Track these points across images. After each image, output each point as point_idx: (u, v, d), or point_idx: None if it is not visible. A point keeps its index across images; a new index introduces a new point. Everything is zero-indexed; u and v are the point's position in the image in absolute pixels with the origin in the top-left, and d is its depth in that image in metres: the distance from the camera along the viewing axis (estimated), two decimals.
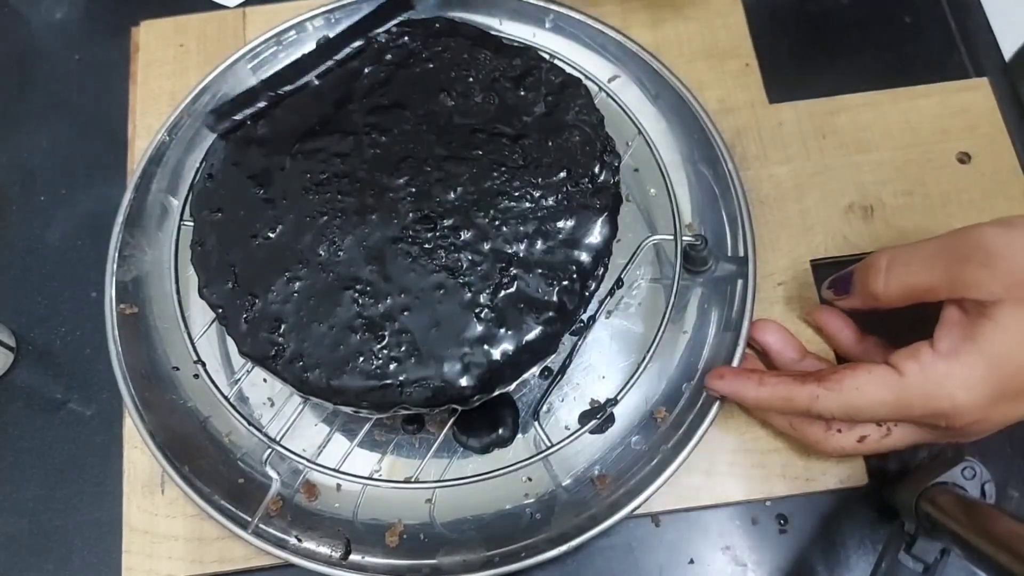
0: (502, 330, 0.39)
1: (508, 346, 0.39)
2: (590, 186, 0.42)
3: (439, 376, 0.38)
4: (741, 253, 0.46)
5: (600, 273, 0.41)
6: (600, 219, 0.41)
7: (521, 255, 0.40)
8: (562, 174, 0.42)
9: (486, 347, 0.39)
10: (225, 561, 0.45)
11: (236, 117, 0.46)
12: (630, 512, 0.41)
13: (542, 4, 0.52)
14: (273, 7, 0.59)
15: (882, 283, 0.39)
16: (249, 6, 0.59)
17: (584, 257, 0.40)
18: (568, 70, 0.47)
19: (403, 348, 0.39)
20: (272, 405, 0.48)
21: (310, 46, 0.50)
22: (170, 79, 0.57)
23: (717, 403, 0.43)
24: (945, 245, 0.37)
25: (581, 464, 0.45)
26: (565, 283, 0.40)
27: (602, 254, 0.41)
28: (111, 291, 0.47)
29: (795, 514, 0.45)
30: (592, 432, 0.45)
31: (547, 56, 0.47)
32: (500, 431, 0.46)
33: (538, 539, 0.42)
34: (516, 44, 0.46)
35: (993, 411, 0.36)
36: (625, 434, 0.46)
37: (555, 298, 0.39)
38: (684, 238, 0.46)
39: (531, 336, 0.39)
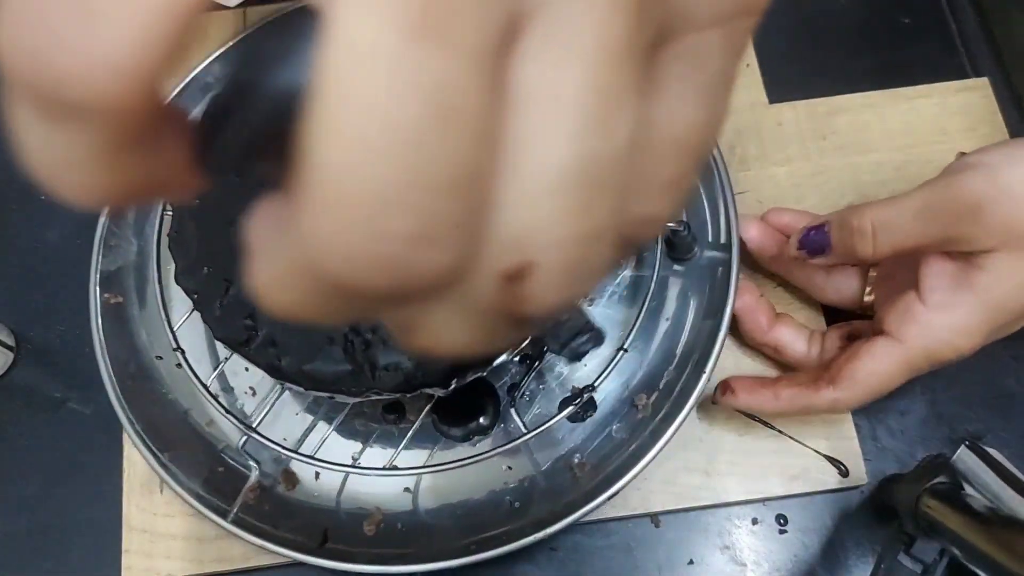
0: None
1: None
2: None
3: (411, 360, 0.38)
4: (724, 240, 0.47)
5: None
6: None
7: None
8: None
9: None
10: (224, 560, 0.45)
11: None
12: (605, 499, 0.41)
13: None
14: (273, 7, 0.58)
15: (871, 248, 0.39)
16: (249, 6, 0.59)
17: None
18: None
19: (375, 332, 0.38)
20: (254, 394, 0.48)
21: None
22: (170, 79, 0.57)
23: (697, 390, 0.43)
24: (930, 203, 0.37)
25: (561, 452, 0.46)
26: None
27: None
28: (95, 279, 0.47)
29: (795, 514, 0.45)
30: (572, 420, 0.45)
31: None
32: (480, 420, 0.46)
33: (513, 527, 0.42)
34: None
35: (986, 341, 0.38)
36: (606, 422, 0.46)
37: None
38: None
39: None
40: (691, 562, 0.45)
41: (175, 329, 0.44)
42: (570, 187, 0.12)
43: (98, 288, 0.47)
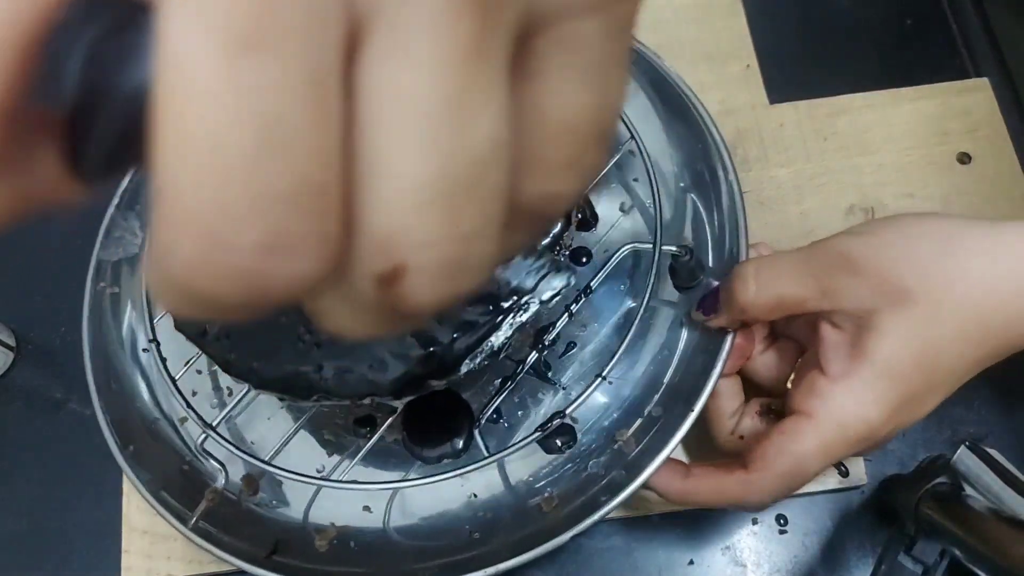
0: (432, 321, 0.37)
1: (439, 339, 0.36)
2: None
3: (362, 365, 0.36)
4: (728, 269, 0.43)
5: (542, 265, 0.38)
6: None
7: None
8: None
9: (413, 339, 0.36)
10: (224, 562, 0.45)
11: None
12: (569, 537, 0.38)
13: None
14: None
15: (752, 292, 0.37)
16: None
17: (528, 249, 0.38)
18: None
19: (327, 334, 0.37)
20: (230, 394, 0.46)
21: None
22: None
23: (683, 429, 0.39)
24: (810, 256, 0.36)
25: (532, 484, 0.43)
26: (503, 279, 0.37)
27: (551, 247, 0.38)
28: (92, 266, 0.47)
29: (795, 514, 0.45)
30: (548, 451, 0.43)
31: None
32: (452, 442, 0.43)
33: (466, 557, 0.40)
34: None
35: (898, 419, 0.35)
36: (585, 455, 0.43)
37: (490, 288, 0.37)
38: (666, 247, 0.42)
39: (462, 331, 0.36)
40: (691, 563, 0.45)
41: (155, 321, 0.43)
42: (429, 191, 0.12)
43: (93, 274, 0.47)
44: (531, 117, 0.14)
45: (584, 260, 0.46)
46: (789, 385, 0.40)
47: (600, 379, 0.40)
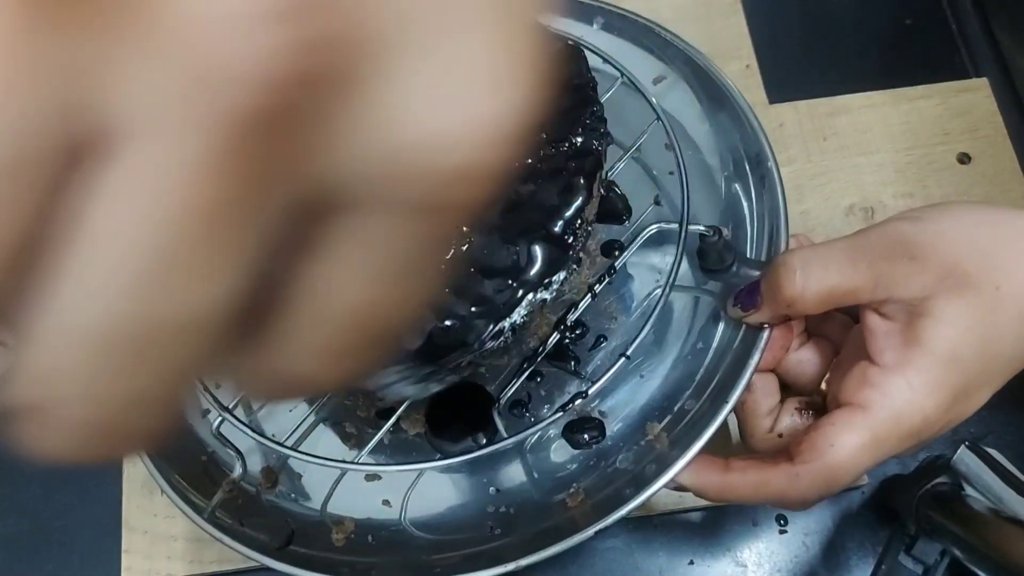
0: (449, 295, 0.36)
1: (458, 312, 0.36)
2: (568, 150, 0.39)
3: None
4: (767, 258, 0.41)
5: (571, 242, 0.37)
6: (569, 183, 0.37)
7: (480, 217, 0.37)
8: (541, 136, 0.39)
9: (430, 312, 0.36)
10: (224, 561, 0.45)
11: None
12: (594, 532, 0.38)
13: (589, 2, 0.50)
14: None
15: (799, 285, 0.35)
16: None
17: (549, 223, 0.37)
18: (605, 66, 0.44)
19: None
20: None
21: None
22: None
23: (716, 423, 0.38)
24: (862, 243, 0.35)
25: (558, 477, 0.42)
26: (526, 249, 0.36)
27: (571, 221, 0.37)
28: None
29: (796, 515, 0.45)
30: (575, 446, 0.42)
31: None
32: (475, 436, 0.43)
33: (485, 549, 0.40)
34: None
35: (953, 411, 0.34)
36: (613, 450, 0.42)
37: (510, 263, 0.36)
38: (692, 227, 0.41)
39: (480, 305, 0.36)
40: (691, 563, 0.45)
41: None
42: (96, 345, 0.11)
43: None
44: (302, 289, 0.13)
45: (616, 252, 0.45)
46: (823, 386, 0.39)
47: (623, 357, 0.39)
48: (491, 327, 0.36)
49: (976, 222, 0.34)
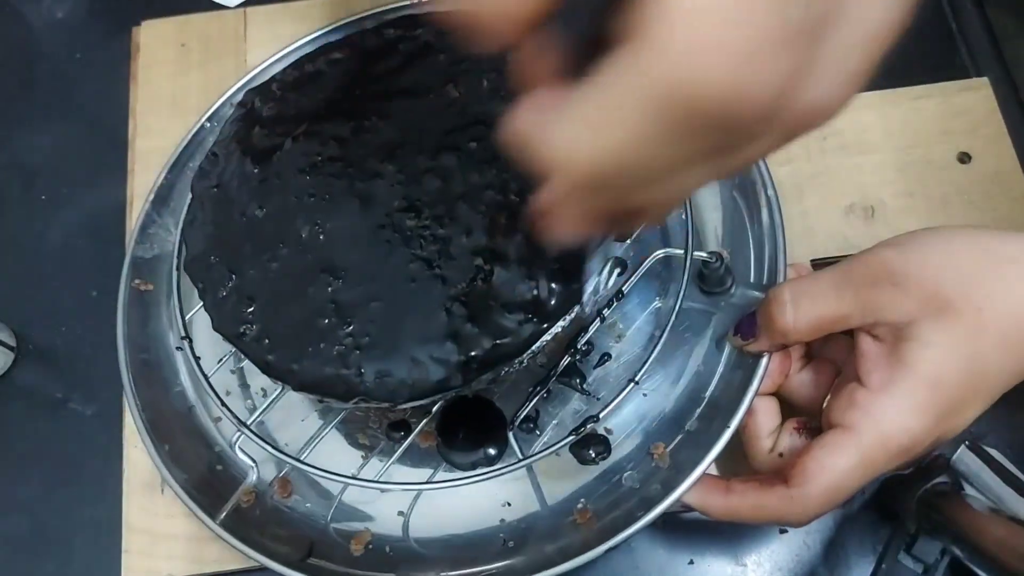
0: (472, 327, 0.37)
1: (481, 344, 0.37)
2: None
3: (401, 369, 0.37)
4: (766, 281, 0.43)
5: (585, 278, 0.39)
6: None
7: (501, 251, 0.38)
8: None
9: (453, 344, 0.37)
10: (224, 561, 0.45)
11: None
12: (605, 550, 0.39)
13: None
14: (274, 7, 0.59)
15: (790, 316, 0.37)
16: (250, 6, 0.59)
17: (568, 258, 0.38)
18: None
19: (368, 337, 0.37)
20: (265, 395, 0.46)
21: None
22: (171, 79, 0.57)
23: (719, 445, 0.39)
24: (848, 272, 0.36)
25: (566, 494, 0.43)
26: (544, 284, 0.38)
27: (583, 256, 0.38)
28: (128, 263, 0.47)
29: None
30: (582, 462, 0.43)
31: None
32: (486, 449, 0.43)
33: (500, 566, 0.41)
34: None
35: (940, 429, 0.35)
36: (618, 468, 0.43)
37: (530, 298, 0.38)
38: (696, 253, 0.43)
39: (502, 337, 0.37)
40: (691, 562, 0.45)
41: (187, 318, 0.44)
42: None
43: (128, 271, 0.47)
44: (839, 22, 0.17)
45: (619, 271, 0.46)
46: (825, 406, 0.39)
47: (632, 383, 0.40)
48: (512, 358, 0.38)
49: (959, 248, 0.35)
